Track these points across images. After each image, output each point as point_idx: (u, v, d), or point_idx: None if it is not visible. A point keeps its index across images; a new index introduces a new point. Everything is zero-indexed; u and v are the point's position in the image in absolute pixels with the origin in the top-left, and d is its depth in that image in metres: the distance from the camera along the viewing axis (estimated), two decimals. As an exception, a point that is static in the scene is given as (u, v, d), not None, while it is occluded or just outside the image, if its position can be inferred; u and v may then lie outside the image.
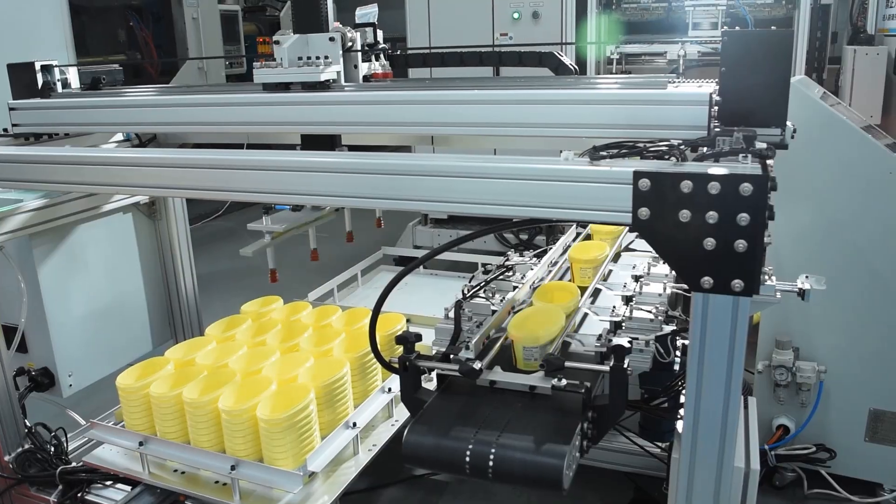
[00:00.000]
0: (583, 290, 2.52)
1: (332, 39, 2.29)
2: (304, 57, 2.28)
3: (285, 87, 2.26)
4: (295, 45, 2.29)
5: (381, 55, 2.55)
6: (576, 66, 2.53)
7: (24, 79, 2.72)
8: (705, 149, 1.54)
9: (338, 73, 2.31)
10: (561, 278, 2.76)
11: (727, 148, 1.50)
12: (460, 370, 1.90)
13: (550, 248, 2.98)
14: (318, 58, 2.28)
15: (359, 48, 2.42)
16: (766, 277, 1.51)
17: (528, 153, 2.24)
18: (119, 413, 2.75)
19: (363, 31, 2.47)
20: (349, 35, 2.37)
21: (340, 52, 2.33)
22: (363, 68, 2.46)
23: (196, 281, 3.64)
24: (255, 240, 2.86)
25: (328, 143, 2.46)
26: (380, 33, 2.55)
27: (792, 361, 2.90)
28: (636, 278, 2.48)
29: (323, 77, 2.22)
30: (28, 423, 2.85)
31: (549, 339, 2.05)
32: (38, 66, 2.72)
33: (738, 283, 1.41)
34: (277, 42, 2.28)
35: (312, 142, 2.47)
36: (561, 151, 1.61)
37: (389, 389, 2.78)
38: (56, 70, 2.78)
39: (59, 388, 3.03)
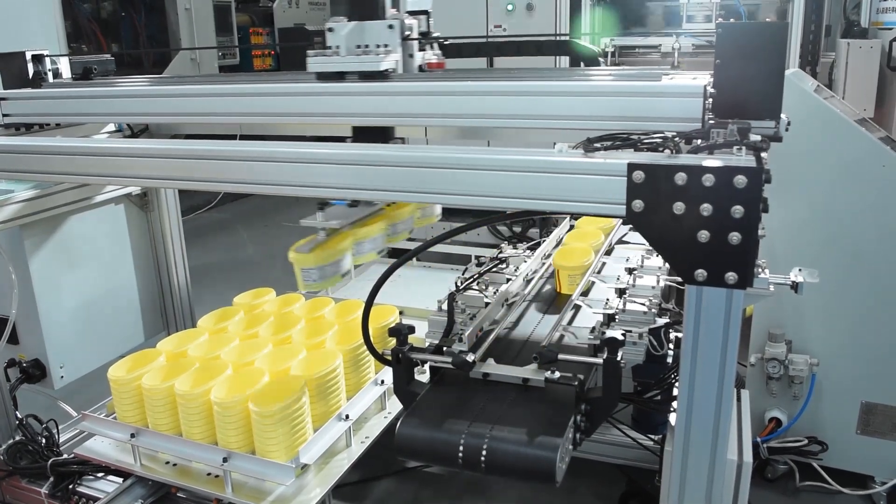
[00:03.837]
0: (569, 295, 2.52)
1: (390, 27, 2.15)
2: (361, 45, 2.14)
3: (340, 76, 2.13)
4: (352, 32, 2.15)
5: (435, 44, 2.38)
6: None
7: (14, 68, 2.70)
8: (699, 141, 1.54)
9: (396, 62, 2.17)
10: (550, 277, 2.76)
11: (721, 140, 1.50)
12: (453, 362, 1.90)
13: (544, 241, 2.98)
14: (377, 46, 2.14)
15: (416, 36, 2.26)
16: (760, 270, 1.51)
17: (520, 145, 2.25)
18: (111, 405, 2.74)
19: (419, 18, 2.31)
20: (407, 23, 2.22)
21: (399, 40, 2.17)
22: (418, 58, 2.29)
23: (188, 272, 3.63)
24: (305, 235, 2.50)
25: (381, 135, 2.29)
26: (432, 20, 2.41)
27: (784, 354, 2.91)
28: (629, 270, 2.47)
29: (383, 66, 2.09)
30: (19, 415, 2.85)
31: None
32: (28, 55, 2.70)
33: (731, 276, 1.41)
34: (331, 29, 2.15)
35: (366, 134, 2.28)
36: (554, 143, 1.61)
37: (382, 381, 2.78)
38: (47, 60, 2.76)
39: (50, 379, 3.01)
